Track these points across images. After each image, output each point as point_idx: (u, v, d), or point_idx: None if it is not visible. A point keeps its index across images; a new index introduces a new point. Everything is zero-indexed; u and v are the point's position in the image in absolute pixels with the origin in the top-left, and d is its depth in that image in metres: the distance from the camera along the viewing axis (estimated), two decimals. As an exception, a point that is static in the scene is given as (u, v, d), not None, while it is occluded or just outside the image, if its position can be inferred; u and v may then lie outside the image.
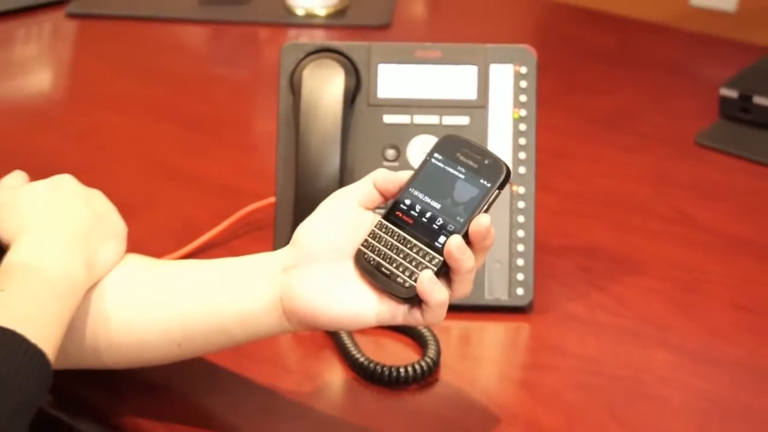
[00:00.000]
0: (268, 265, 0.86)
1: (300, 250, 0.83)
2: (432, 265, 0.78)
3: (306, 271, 0.82)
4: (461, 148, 0.82)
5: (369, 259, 0.80)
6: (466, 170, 0.81)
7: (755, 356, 1.01)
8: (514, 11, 2.02)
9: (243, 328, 0.86)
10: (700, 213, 1.26)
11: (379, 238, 0.81)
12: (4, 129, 1.49)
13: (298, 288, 0.81)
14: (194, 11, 1.90)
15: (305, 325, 0.83)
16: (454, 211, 0.80)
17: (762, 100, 1.42)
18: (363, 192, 0.84)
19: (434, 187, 0.81)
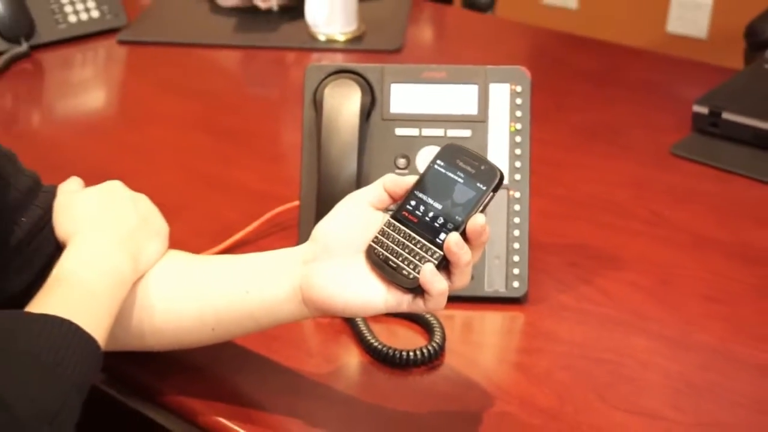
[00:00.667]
0: (290, 259, 0.86)
1: (317, 245, 0.84)
2: (433, 259, 0.79)
3: (322, 264, 0.82)
4: (461, 156, 0.82)
5: (378, 253, 0.81)
6: (464, 175, 0.81)
7: (724, 342, 1.01)
8: (511, 37, 2.02)
9: (267, 314, 0.86)
10: (675, 215, 1.25)
11: (387, 235, 0.81)
12: (64, 141, 1.50)
13: (316, 279, 0.82)
14: (229, 38, 1.90)
15: (322, 311, 0.83)
16: (454, 211, 0.80)
17: (729, 116, 1.41)
18: (374, 194, 0.84)
19: (436, 190, 0.82)
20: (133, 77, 1.79)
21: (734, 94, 1.47)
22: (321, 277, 0.82)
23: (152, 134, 1.52)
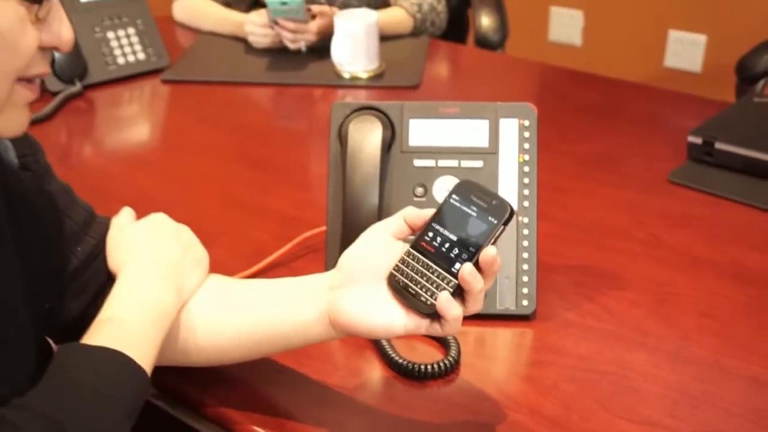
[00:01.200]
0: (318, 285, 0.87)
1: (343, 273, 0.84)
2: (449, 287, 0.79)
3: (348, 291, 0.83)
4: (474, 191, 0.82)
5: (399, 280, 0.81)
6: (477, 209, 0.81)
7: (718, 355, 1.00)
8: (519, 73, 2.02)
9: (298, 336, 0.87)
10: (672, 237, 1.25)
11: (407, 264, 0.81)
12: (113, 171, 1.51)
13: (342, 304, 0.82)
14: (262, 76, 1.91)
15: (347, 333, 0.84)
16: (468, 242, 0.80)
17: (722, 146, 1.41)
18: (395, 225, 0.84)
19: (452, 223, 0.82)
20: (175, 113, 1.81)
21: (726, 126, 1.46)
22: (346, 303, 0.82)
23: (192, 164, 1.53)
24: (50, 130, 1.62)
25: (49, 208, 0.90)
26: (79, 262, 0.92)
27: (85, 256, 0.93)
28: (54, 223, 0.91)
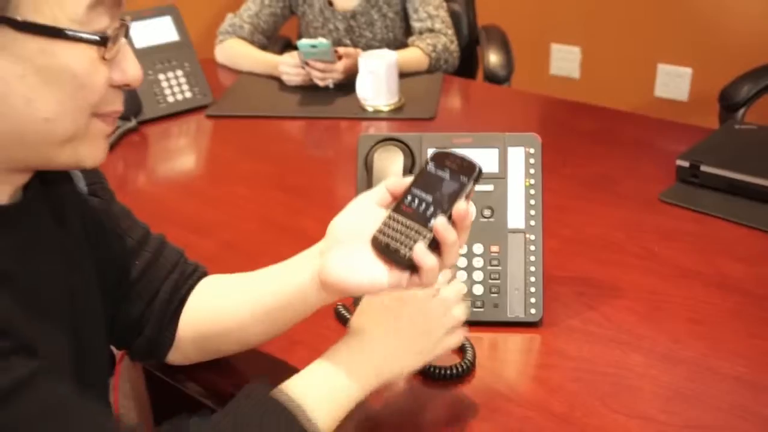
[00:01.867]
0: (309, 253, 0.87)
1: (331, 238, 0.83)
2: (425, 240, 0.78)
3: (335, 253, 0.81)
4: (449, 157, 0.81)
5: (381, 240, 0.79)
6: (450, 172, 0.80)
7: (706, 357, 1.00)
8: (524, 104, 2.02)
9: (299, 301, 0.86)
10: (663, 251, 1.24)
11: (388, 225, 0.80)
12: (164, 196, 1.52)
13: (329, 264, 0.81)
14: (295, 110, 1.92)
15: (337, 292, 0.82)
16: (442, 200, 0.79)
17: (707, 168, 1.41)
18: (378, 194, 0.84)
19: (428, 186, 0.80)
20: (218, 144, 1.82)
21: (711, 150, 1.46)
22: (333, 263, 0.81)
23: (234, 191, 1.53)
24: (110, 161, 1.62)
25: (113, 228, 0.92)
26: (137, 273, 0.94)
27: (141, 267, 0.95)
28: (117, 240, 0.93)
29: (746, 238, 1.28)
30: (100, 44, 0.69)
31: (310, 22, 2.27)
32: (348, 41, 2.24)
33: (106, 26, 0.69)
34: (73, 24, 0.67)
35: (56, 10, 0.65)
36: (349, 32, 2.24)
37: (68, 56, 0.67)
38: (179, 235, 1.03)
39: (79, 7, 0.66)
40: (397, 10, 2.22)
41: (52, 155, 0.72)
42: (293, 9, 2.27)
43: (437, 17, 2.17)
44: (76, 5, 0.66)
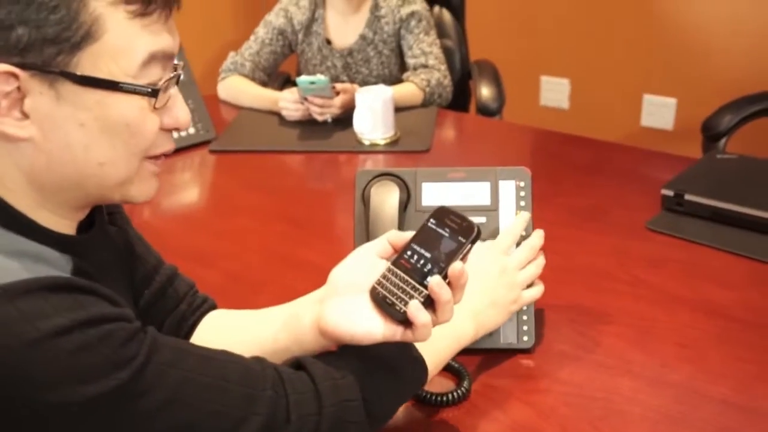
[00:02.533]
0: (310, 300, 0.88)
1: (331, 287, 0.84)
2: (420, 297, 0.78)
3: (334, 302, 0.82)
4: (449, 215, 0.82)
5: (378, 293, 0.80)
6: (450, 230, 0.81)
7: (693, 381, 1.01)
8: (516, 136, 2.03)
9: (296, 346, 0.86)
10: (651, 278, 1.25)
11: (387, 278, 0.80)
12: (168, 230, 1.52)
13: (327, 313, 0.82)
14: (295, 145, 1.93)
15: (333, 339, 0.83)
16: (440, 258, 0.79)
17: (691, 197, 1.42)
18: (379, 246, 0.85)
19: (428, 242, 0.81)
20: (221, 178, 1.82)
21: (694, 179, 1.47)
22: (332, 312, 0.82)
23: (238, 223, 1.54)
24: None
25: (129, 255, 0.94)
26: (146, 302, 0.95)
27: (151, 296, 0.96)
28: (132, 268, 0.94)
29: (731, 265, 1.29)
30: (151, 96, 0.73)
31: (309, 60, 2.29)
32: (345, 77, 2.27)
33: (159, 77, 0.74)
34: (128, 78, 0.71)
35: (112, 65, 0.70)
36: (346, 69, 2.27)
37: (122, 107, 0.72)
38: (184, 267, 1.04)
39: (133, 63, 0.71)
40: (392, 47, 2.24)
41: (107, 195, 0.77)
42: (293, 47, 2.30)
43: (431, 54, 2.19)
44: (130, 61, 0.71)
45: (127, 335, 0.67)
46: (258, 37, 2.26)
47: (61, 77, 0.68)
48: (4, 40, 0.67)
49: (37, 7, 0.66)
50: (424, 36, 2.20)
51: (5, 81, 0.67)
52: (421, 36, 2.20)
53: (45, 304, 0.64)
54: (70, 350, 0.63)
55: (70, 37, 0.68)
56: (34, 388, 0.63)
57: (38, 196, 0.73)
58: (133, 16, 0.71)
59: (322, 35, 2.25)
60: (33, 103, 0.69)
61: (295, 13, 2.24)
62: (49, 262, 0.72)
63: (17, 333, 0.62)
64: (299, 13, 2.24)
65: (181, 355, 0.72)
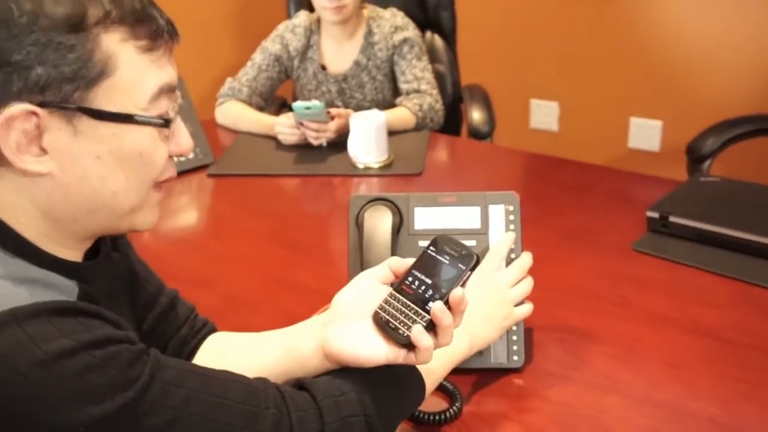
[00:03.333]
0: (314, 323, 0.88)
1: (334, 311, 0.85)
2: (422, 322, 0.79)
3: (338, 326, 0.83)
4: (448, 243, 0.84)
5: (381, 317, 0.81)
6: (449, 258, 0.83)
7: (681, 399, 1.01)
8: (506, 160, 2.03)
9: (299, 368, 0.87)
10: (637, 298, 1.25)
11: (389, 303, 0.82)
12: (168, 252, 1.52)
13: (332, 337, 0.82)
14: (290, 168, 1.93)
15: (338, 362, 0.83)
16: (440, 285, 0.81)
17: (676, 219, 1.42)
18: (381, 272, 0.86)
19: (428, 269, 0.83)
20: (219, 202, 1.82)
21: (679, 202, 1.48)
22: (336, 336, 0.82)
23: (235, 246, 1.54)
24: None
25: (132, 280, 0.95)
26: (148, 326, 0.96)
27: (153, 320, 0.97)
28: (135, 292, 0.95)
29: (716, 286, 1.29)
30: (163, 126, 0.76)
31: (305, 85, 2.31)
32: (340, 102, 2.28)
33: (166, 108, 0.76)
34: (139, 110, 0.73)
35: (125, 99, 0.72)
36: (341, 94, 2.28)
37: (135, 138, 0.74)
38: (183, 290, 1.04)
39: (144, 97, 0.74)
40: (386, 72, 2.26)
41: (115, 225, 0.78)
42: (288, 73, 2.31)
43: (423, 79, 2.20)
44: (141, 96, 0.74)
45: (132, 356, 0.68)
46: (255, 63, 2.27)
47: (78, 112, 0.70)
48: (24, 80, 0.68)
49: (55, 48, 0.68)
50: (416, 62, 2.22)
51: (26, 119, 0.69)
52: (414, 62, 2.22)
53: (51, 327, 0.65)
54: (75, 371, 0.64)
55: (86, 74, 0.70)
56: (41, 408, 0.63)
57: (49, 228, 0.75)
58: (142, 51, 0.73)
59: (318, 61, 2.26)
60: (51, 139, 0.71)
61: (291, 39, 2.26)
62: (56, 288, 0.73)
63: (25, 355, 0.63)
64: (295, 39, 2.26)
65: (185, 375, 0.72)
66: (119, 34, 0.72)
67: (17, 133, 0.69)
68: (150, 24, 0.74)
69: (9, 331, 0.64)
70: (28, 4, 0.68)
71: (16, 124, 0.69)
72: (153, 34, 0.74)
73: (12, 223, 0.73)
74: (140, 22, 0.73)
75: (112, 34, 0.71)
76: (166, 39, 0.76)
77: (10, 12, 0.68)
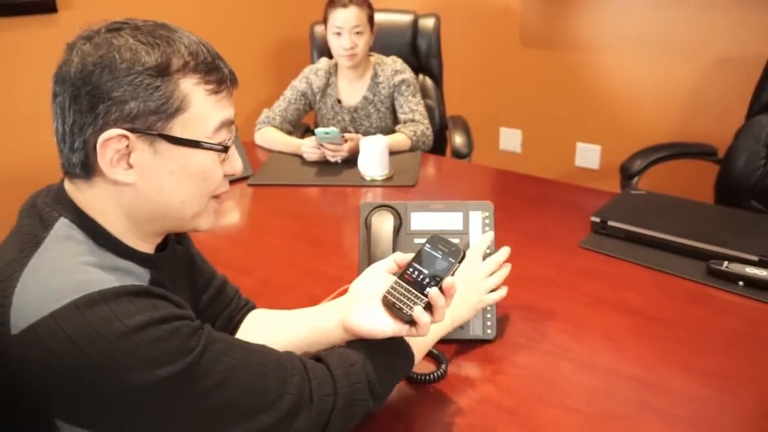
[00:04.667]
0: (334, 304, 0.89)
1: (351, 295, 0.86)
2: (421, 303, 0.81)
3: (356, 307, 0.84)
4: (441, 242, 0.85)
5: (389, 299, 0.82)
6: (442, 253, 0.84)
7: (615, 363, 1.01)
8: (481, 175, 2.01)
9: (325, 338, 0.87)
10: (583, 285, 1.25)
11: (394, 289, 0.82)
12: (219, 245, 1.51)
13: (351, 315, 0.83)
14: (313, 180, 1.92)
15: (355, 335, 0.84)
16: (435, 274, 0.82)
17: (613, 223, 1.42)
18: (388, 264, 0.87)
19: (425, 262, 0.84)
20: (257, 206, 1.81)
21: (614, 210, 1.48)
22: (354, 314, 0.83)
23: (269, 241, 1.54)
24: None
25: (191, 268, 0.95)
26: (203, 305, 0.96)
27: (206, 300, 0.97)
28: (193, 277, 0.95)
29: (641, 275, 1.29)
30: (222, 151, 0.76)
31: (324, 115, 2.31)
32: (352, 129, 2.28)
33: (225, 137, 0.77)
34: (205, 138, 0.74)
35: (195, 129, 0.73)
36: (352, 122, 2.28)
37: (201, 160, 0.75)
38: (229, 275, 1.04)
39: (210, 128, 0.74)
40: (388, 105, 2.26)
41: (182, 225, 0.79)
42: (312, 105, 2.31)
43: (417, 111, 2.21)
44: (208, 127, 0.74)
45: (191, 330, 0.69)
46: (286, 98, 2.27)
47: (159, 138, 0.71)
48: (120, 111, 0.70)
49: (145, 88, 0.70)
50: (411, 97, 2.22)
51: (119, 141, 0.71)
52: (410, 98, 2.22)
53: (131, 306, 0.66)
54: (148, 341, 0.65)
55: (167, 109, 0.71)
56: (122, 369, 0.64)
57: (131, 225, 0.76)
58: (210, 93, 0.74)
59: (335, 96, 2.27)
60: (137, 157, 0.72)
61: (314, 79, 2.26)
62: (134, 275, 0.73)
63: (111, 328, 0.64)
64: (317, 79, 2.26)
65: (231, 347, 0.72)
66: (194, 80, 0.73)
67: (111, 151, 0.71)
68: (217, 73, 0.75)
69: (98, 308, 0.64)
70: (128, 53, 0.70)
71: (111, 144, 0.70)
72: (219, 80, 0.75)
73: (102, 222, 0.74)
74: (210, 72, 0.74)
75: (189, 79, 0.72)
76: (228, 85, 0.77)
77: (113, 59, 0.69)
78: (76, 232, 0.72)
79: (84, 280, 0.66)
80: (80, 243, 0.71)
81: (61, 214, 0.73)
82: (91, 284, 0.66)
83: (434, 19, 2.50)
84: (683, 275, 1.27)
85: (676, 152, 2.07)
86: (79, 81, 0.70)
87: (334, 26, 2.12)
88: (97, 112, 0.69)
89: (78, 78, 0.70)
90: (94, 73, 0.69)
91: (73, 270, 0.68)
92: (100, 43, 0.70)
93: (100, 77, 0.69)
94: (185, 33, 0.75)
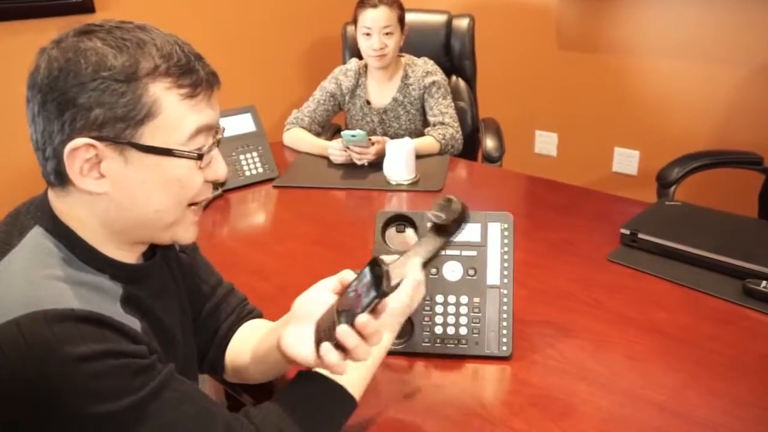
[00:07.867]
0: (278, 323, 0.87)
1: (291, 313, 0.83)
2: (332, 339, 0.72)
3: (288, 328, 0.81)
4: (380, 265, 0.74)
5: (318, 326, 0.77)
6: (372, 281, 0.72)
7: (636, 387, 0.98)
8: (509, 181, 1.99)
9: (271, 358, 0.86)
10: (607, 301, 1.22)
11: (327, 314, 0.76)
12: (239, 247, 1.52)
13: (282, 337, 0.81)
14: (338, 183, 1.91)
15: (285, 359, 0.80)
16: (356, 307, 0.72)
17: (643, 236, 1.38)
18: (332, 283, 0.83)
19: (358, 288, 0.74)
20: (281, 208, 1.82)
21: (646, 221, 1.43)
22: (285, 336, 0.80)
23: (289, 246, 1.53)
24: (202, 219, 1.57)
25: (195, 276, 0.94)
26: (206, 313, 0.96)
27: (210, 308, 0.96)
28: (195, 286, 0.95)
29: (671, 292, 1.25)
30: (198, 159, 0.73)
31: (353, 116, 2.30)
32: (380, 131, 2.27)
33: (203, 144, 0.74)
34: (179, 146, 0.71)
35: (166, 137, 0.71)
36: (381, 124, 2.27)
37: (174, 168, 0.72)
38: (247, 279, 1.04)
39: (183, 135, 0.72)
40: (418, 107, 2.24)
41: (158, 236, 0.76)
42: (341, 106, 2.31)
43: (446, 113, 2.18)
44: (181, 134, 0.71)
45: (138, 369, 0.65)
46: (315, 99, 2.27)
47: (128, 146, 0.69)
48: (86, 118, 0.68)
49: (111, 93, 0.67)
50: (442, 100, 2.19)
51: (86, 150, 0.69)
52: (440, 100, 2.19)
53: (75, 332, 0.63)
54: (87, 374, 0.62)
55: (135, 115, 0.68)
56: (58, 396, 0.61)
57: (108, 235, 0.74)
58: (184, 97, 0.71)
59: (364, 98, 2.25)
60: (107, 166, 0.70)
61: (343, 80, 2.25)
62: (103, 290, 0.71)
63: (50, 352, 0.61)
64: (346, 80, 2.25)
65: (184, 398, 0.69)
66: (165, 84, 0.70)
67: (80, 161, 0.69)
68: (192, 75, 0.71)
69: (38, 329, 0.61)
70: (94, 57, 0.67)
71: (79, 153, 0.68)
72: (194, 83, 0.71)
73: (79, 231, 0.72)
74: (184, 75, 0.71)
75: (159, 83, 0.69)
76: (205, 87, 0.73)
77: (79, 64, 0.67)
78: (49, 241, 0.71)
79: (35, 297, 0.64)
80: (49, 254, 0.69)
81: (38, 222, 0.72)
82: (42, 302, 0.63)
83: (468, 20, 2.46)
84: (716, 294, 1.22)
85: (717, 160, 2.00)
86: (45, 87, 0.67)
87: (363, 26, 2.11)
88: (64, 119, 0.67)
89: (45, 84, 0.67)
90: (59, 78, 0.67)
91: (31, 283, 0.65)
92: (67, 47, 0.68)
93: (65, 83, 0.67)
94: (161, 34, 0.71)
